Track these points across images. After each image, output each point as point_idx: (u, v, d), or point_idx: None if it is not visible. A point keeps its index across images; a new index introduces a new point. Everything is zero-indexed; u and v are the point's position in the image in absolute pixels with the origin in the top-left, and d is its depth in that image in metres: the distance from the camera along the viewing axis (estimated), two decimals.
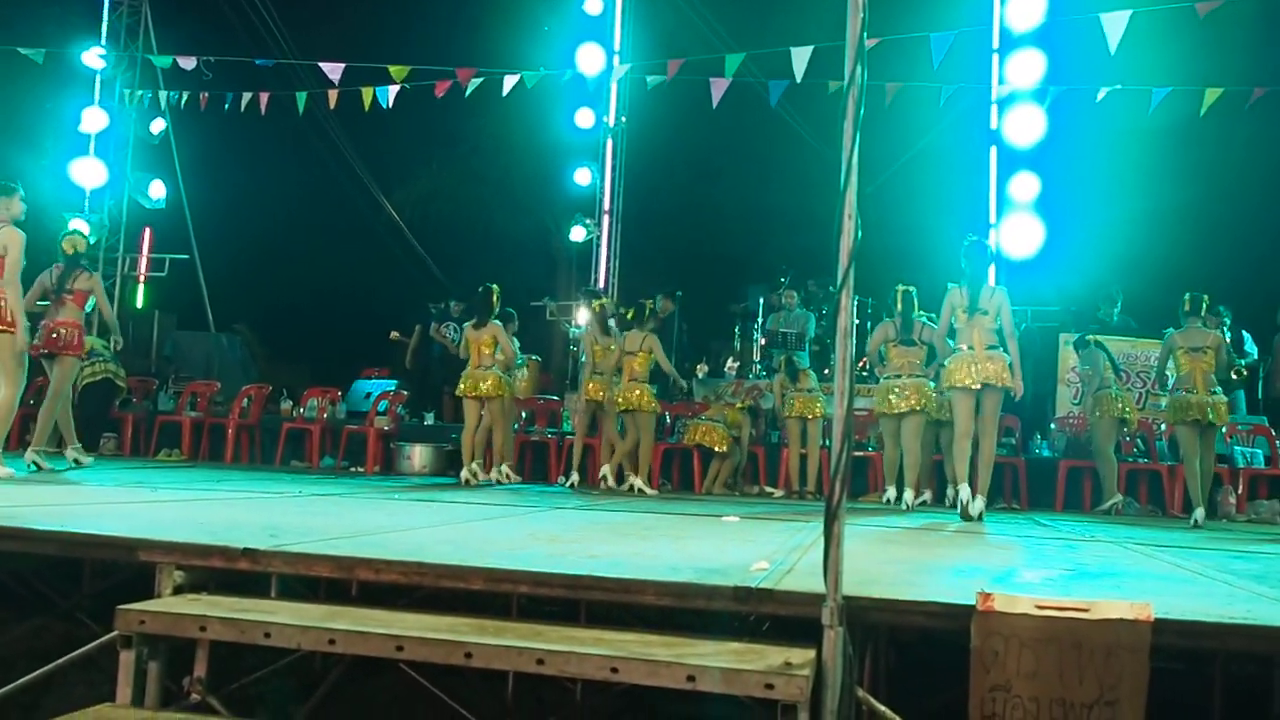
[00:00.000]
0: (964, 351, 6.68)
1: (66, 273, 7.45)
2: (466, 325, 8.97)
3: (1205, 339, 7.56)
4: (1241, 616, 2.67)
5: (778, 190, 16.73)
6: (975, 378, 6.55)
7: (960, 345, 6.74)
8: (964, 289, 6.74)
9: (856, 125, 2.65)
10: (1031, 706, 2.51)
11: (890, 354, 7.88)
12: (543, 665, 2.56)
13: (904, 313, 7.88)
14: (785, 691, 2.36)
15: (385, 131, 16.26)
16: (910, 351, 7.82)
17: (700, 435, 9.20)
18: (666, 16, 14.55)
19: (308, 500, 5.76)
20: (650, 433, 8.75)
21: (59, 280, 7.42)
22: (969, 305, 6.67)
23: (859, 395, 8.63)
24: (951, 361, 6.78)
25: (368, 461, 10.13)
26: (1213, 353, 7.52)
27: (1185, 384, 7.51)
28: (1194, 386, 7.44)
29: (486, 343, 8.71)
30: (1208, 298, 7.78)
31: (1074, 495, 8.86)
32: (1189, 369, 7.50)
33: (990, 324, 6.65)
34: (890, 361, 7.87)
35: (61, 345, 7.33)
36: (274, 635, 2.76)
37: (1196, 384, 7.44)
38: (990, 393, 6.60)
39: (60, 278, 7.42)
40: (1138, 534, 5.96)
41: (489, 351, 8.71)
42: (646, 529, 4.79)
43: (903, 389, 7.71)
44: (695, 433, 9.23)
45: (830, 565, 2.49)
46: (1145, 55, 10.39)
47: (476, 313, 8.85)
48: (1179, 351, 7.60)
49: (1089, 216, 13.70)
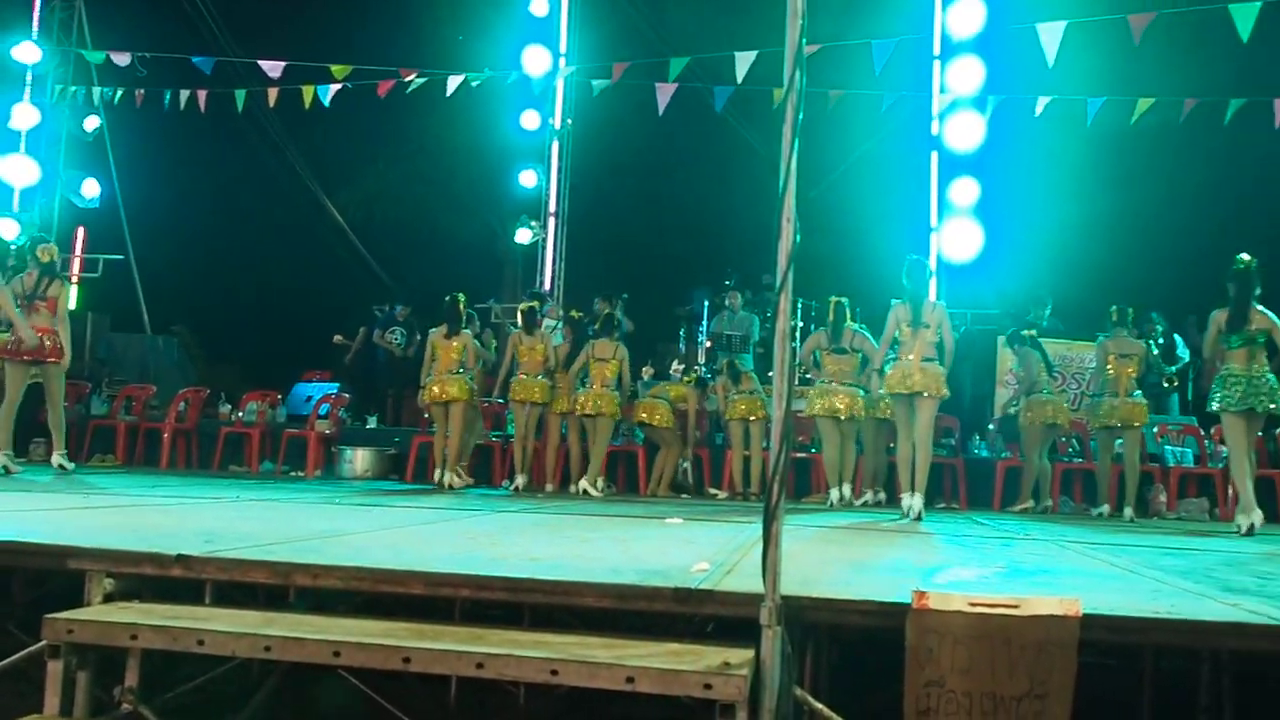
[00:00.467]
0: (903, 361, 7.13)
1: (40, 280, 7.60)
2: (434, 333, 9.02)
3: (1132, 347, 8.17)
4: (1166, 611, 2.75)
5: (723, 193, 16.83)
6: (908, 386, 7.02)
7: (903, 355, 7.16)
8: (906, 304, 7.17)
9: (796, 130, 2.68)
10: (964, 700, 2.56)
11: (824, 361, 8.21)
12: (482, 669, 2.55)
13: (835, 322, 8.26)
14: (723, 691, 2.38)
15: (329, 131, 16.06)
16: (843, 359, 8.17)
17: (642, 412, 9.21)
18: (613, 19, 14.57)
19: (245, 505, 5.67)
20: (607, 438, 8.95)
21: (34, 287, 7.56)
22: (912, 319, 7.11)
23: (800, 398, 8.76)
24: (891, 369, 7.23)
25: (308, 466, 9.99)
26: (1138, 360, 8.11)
27: (1111, 388, 8.07)
28: (1117, 390, 8.02)
29: (456, 350, 8.82)
30: (1133, 310, 8.32)
31: (1011, 494, 9.03)
32: (1116, 374, 8.07)
33: (931, 337, 7.10)
34: (825, 368, 8.20)
35: (47, 353, 7.58)
36: (208, 643, 2.72)
37: (1120, 389, 8.01)
38: (926, 401, 7.03)
39: (34, 284, 7.57)
40: (1071, 532, 6.09)
41: (457, 359, 8.82)
42: (589, 531, 4.79)
43: (836, 394, 8.05)
44: (638, 410, 9.25)
45: (768, 565, 2.52)
46: (1082, 64, 10.65)
47: (446, 321, 8.93)
48: (1110, 357, 8.14)
49: (1027, 221, 13.97)
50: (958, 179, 12.80)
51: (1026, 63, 10.90)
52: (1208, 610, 2.83)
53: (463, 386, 8.75)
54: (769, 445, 8.92)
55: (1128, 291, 8.30)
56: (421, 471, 9.74)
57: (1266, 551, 5.18)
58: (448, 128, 16.16)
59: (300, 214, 16.93)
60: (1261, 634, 2.59)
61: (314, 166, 16.52)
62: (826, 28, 10.06)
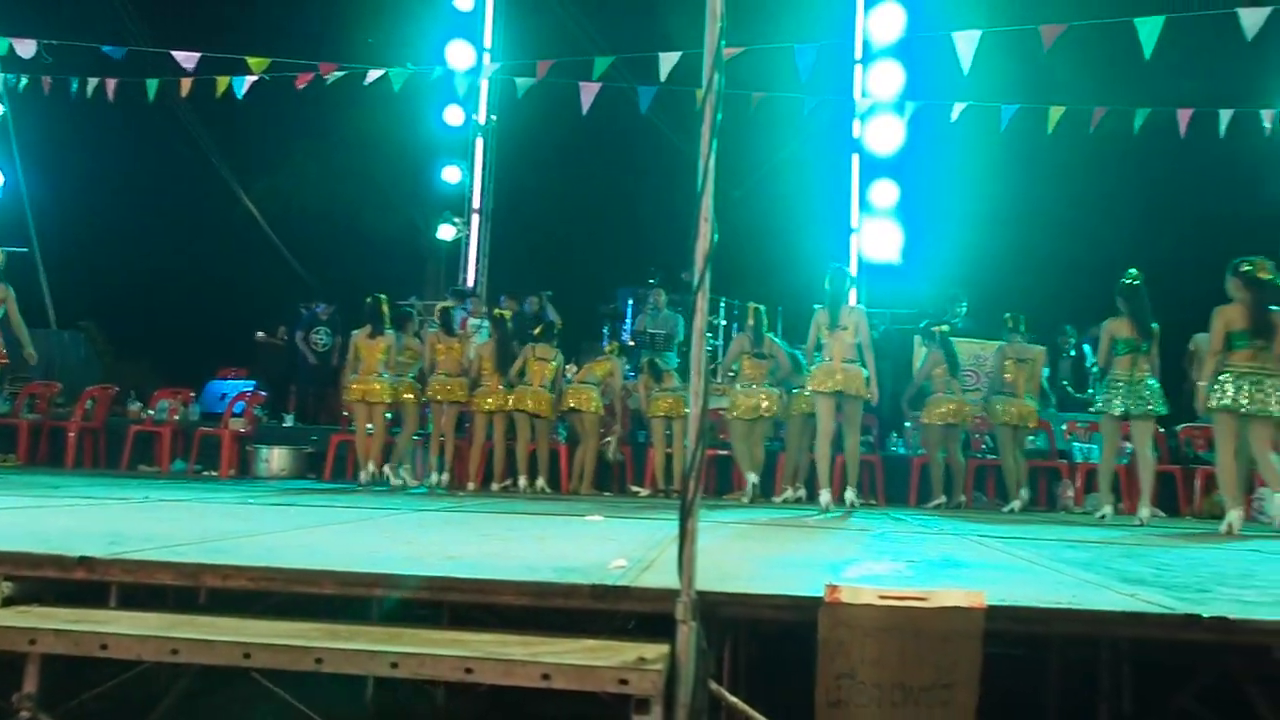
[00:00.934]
0: (825, 362, 7.70)
1: None
2: (357, 334, 9.09)
3: (1029, 352, 8.76)
4: (1066, 602, 2.84)
5: (648, 191, 16.84)
6: (831, 385, 7.62)
7: (824, 357, 7.74)
8: (826, 309, 7.75)
9: (714, 131, 2.69)
10: (875, 691, 2.61)
11: (744, 365, 8.66)
12: (396, 669, 2.53)
13: (755, 328, 8.73)
14: (638, 686, 2.39)
15: (246, 124, 15.65)
16: (761, 364, 8.66)
17: (570, 400, 9.28)
18: (538, 14, 14.49)
19: (154, 506, 5.52)
20: (547, 438, 9.25)
21: None
22: (830, 323, 7.70)
23: (721, 395, 9.00)
24: (815, 370, 7.79)
25: (222, 465, 9.76)
26: (1033, 364, 8.75)
27: (1009, 388, 8.60)
28: (1015, 392, 8.55)
29: (381, 349, 8.94)
30: (1024, 315, 8.89)
31: (927, 491, 9.23)
32: (1014, 377, 8.61)
33: (850, 339, 7.68)
34: (744, 372, 8.67)
35: None
36: (111, 647, 2.64)
37: (1018, 390, 8.56)
38: (849, 400, 7.67)
39: None
40: (981, 527, 6.26)
41: (381, 359, 8.93)
42: (509, 529, 4.78)
43: (758, 395, 8.53)
44: (567, 398, 9.32)
45: (684, 561, 2.54)
46: (999, 72, 10.93)
47: (369, 322, 9.02)
48: (1009, 361, 8.68)
49: (946, 224, 14.29)
50: (878, 181, 13.07)
51: (944, 69, 11.15)
52: (1106, 600, 2.93)
53: (385, 387, 8.83)
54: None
55: (1042, 293, 8.69)
56: (340, 470, 9.61)
57: (1165, 544, 5.38)
58: (369, 122, 15.87)
59: (215, 207, 16.50)
60: (1155, 622, 2.69)
61: (230, 159, 16.11)
62: (751, 31, 10.15)
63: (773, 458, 9.35)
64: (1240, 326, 6.27)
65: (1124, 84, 11.42)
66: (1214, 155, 11.54)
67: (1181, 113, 10.56)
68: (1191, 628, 2.63)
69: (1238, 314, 6.31)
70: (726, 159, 2.75)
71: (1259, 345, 6.25)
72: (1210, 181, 13.76)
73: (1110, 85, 11.54)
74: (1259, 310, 6.24)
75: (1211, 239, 14.17)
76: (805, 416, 8.67)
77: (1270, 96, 10.77)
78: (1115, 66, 11.24)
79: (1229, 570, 3.99)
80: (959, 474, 8.98)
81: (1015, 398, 8.55)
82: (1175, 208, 14.89)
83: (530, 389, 9.04)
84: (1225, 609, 2.73)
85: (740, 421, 8.56)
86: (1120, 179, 14.69)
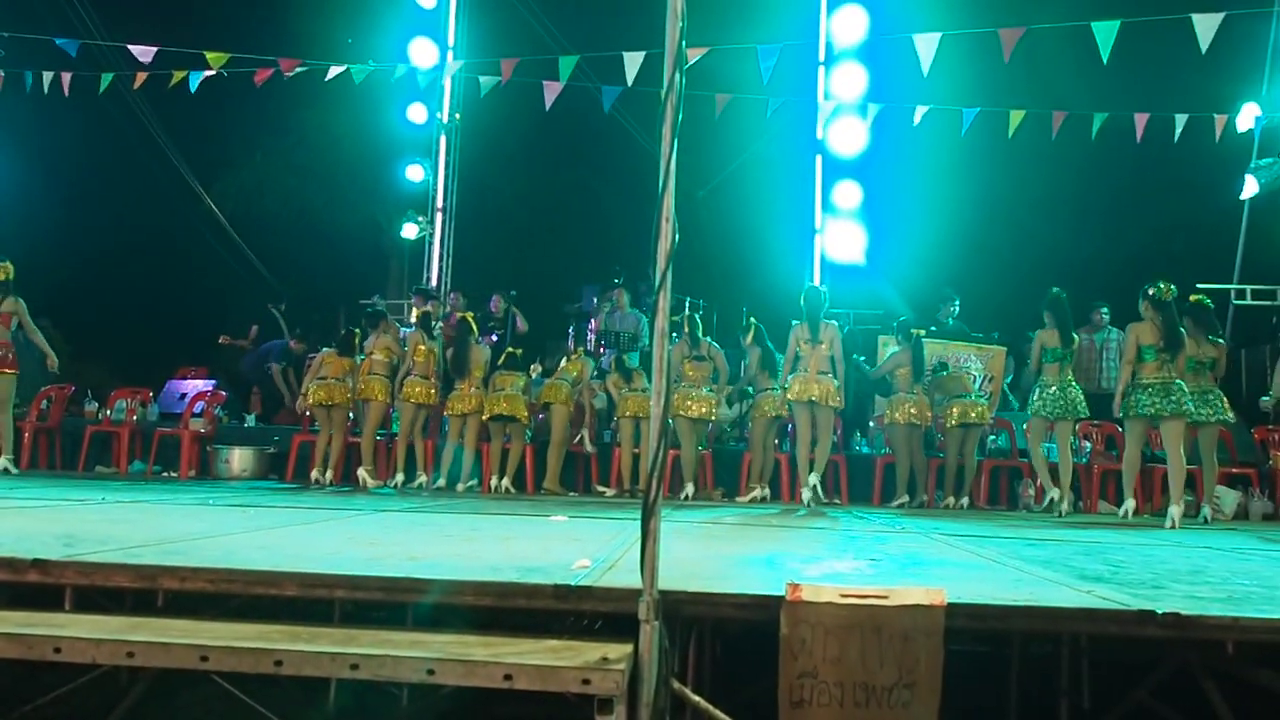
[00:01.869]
0: (802, 373, 8.32)
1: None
2: (326, 350, 9.51)
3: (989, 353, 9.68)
4: (1025, 599, 2.88)
5: (613, 190, 16.87)
6: (808, 395, 8.23)
7: (800, 369, 8.34)
8: (805, 324, 8.40)
9: (675, 131, 2.70)
10: (836, 691, 2.63)
11: (685, 368, 9.03)
12: (357, 670, 2.51)
13: (691, 332, 9.13)
14: (601, 686, 2.39)
15: (206, 120, 15.47)
16: (702, 366, 9.06)
17: (546, 396, 9.32)
18: (502, 12, 14.42)
19: (111, 508, 5.44)
20: (521, 439, 9.34)
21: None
22: (810, 338, 8.35)
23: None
24: (792, 380, 8.35)
25: (181, 466, 9.62)
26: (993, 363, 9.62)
27: (955, 390, 9.08)
28: (964, 392, 9.03)
29: (346, 366, 9.33)
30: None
31: (890, 490, 9.31)
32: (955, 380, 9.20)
33: (825, 352, 8.35)
34: (684, 374, 9.02)
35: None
36: (65, 650, 2.60)
37: (967, 390, 9.10)
38: (822, 408, 8.29)
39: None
40: (943, 525, 6.32)
41: (346, 368, 9.32)
42: (471, 530, 4.76)
43: (692, 397, 8.89)
44: (543, 394, 9.37)
45: (646, 561, 2.54)
46: (960, 75, 11.04)
47: (339, 346, 9.44)
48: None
49: (909, 224, 14.42)
50: (841, 182, 13.14)
51: (907, 72, 11.25)
52: (1063, 597, 2.97)
53: (343, 391, 9.17)
54: None
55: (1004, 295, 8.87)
56: (303, 471, 9.51)
57: (1121, 542, 5.47)
58: (332, 119, 15.78)
59: (175, 205, 16.26)
60: (1109, 618, 2.73)
61: (190, 156, 15.88)
62: (716, 34, 10.18)
63: (738, 458, 9.43)
64: (1150, 341, 7.24)
65: (1084, 89, 11.61)
66: (1169, 159, 11.77)
67: (1138, 117, 10.73)
68: (1146, 623, 2.68)
69: (1148, 330, 7.28)
70: (691, 159, 2.76)
71: (1165, 358, 7.21)
72: (1165, 185, 14.01)
73: (1072, 90, 11.72)
74: (1169, 327, 7.21)
75: (1167, 241, 14.45)
76: (770, 419, 8.98)
77: (1222, 102, 10.99)
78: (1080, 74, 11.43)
79: (1182, 567, 4.06)
80: (921, 474, 9.10)
81: (964, 398, 8.98)
82: (1133, 210, 15.14)
83: (503, 393, 9.07)
84: (1179, 605, 2.78)
85: (681, 422, 8.86)
86: (1080, 182, 14.92)
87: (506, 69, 11.09)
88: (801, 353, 8.38)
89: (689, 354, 9.04)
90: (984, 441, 9.69)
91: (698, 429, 9.03)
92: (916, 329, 9.32)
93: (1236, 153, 11.52)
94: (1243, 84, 11.46)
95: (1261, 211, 11.79)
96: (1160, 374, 7.17)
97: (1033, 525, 6.80)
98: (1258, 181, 11.51)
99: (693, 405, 8.88)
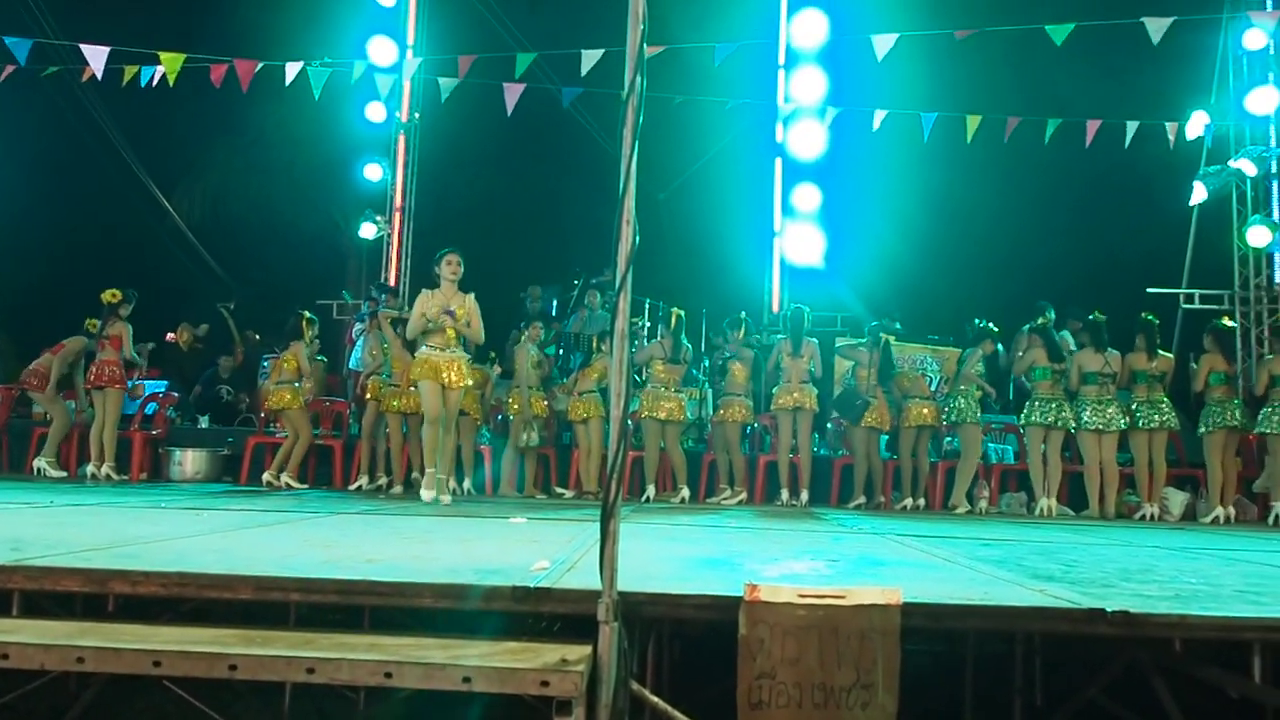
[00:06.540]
0: (785, 384, 9.16)
1: (105, 320, 9.27)
2: (285, 352, 9.37)
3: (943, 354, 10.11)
4: (979, 598, 2.91)
5: (574, 191, 16.84)
6: (791, 403, 9.05)
7: (784, 380, 9.17)
8: (788, 340, 9.28)
9: (635, 133, 2.70)
10: (795, 693, 2.64)
11: (656, 369, 9.20)
12: (313, 674, 2.48)
13: (675, 333, 9.34)
14: (560, 688, 2.39)
15: (161, 120, 15.23)
16: (676, 369, 9.25)
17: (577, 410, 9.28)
18: (462, 11, 14.33)
19: (59, 510, 5.34)
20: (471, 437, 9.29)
21: (100, 327, 9.30)
22: (792, 351, 9.19)
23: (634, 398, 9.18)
24: (777, 391, 9.17)
25: (132, 469, 9.47)
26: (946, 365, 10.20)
27: (911, 391, 9.47)
28: (920, 394, 9.42)
29: (288, 360, 9.19)
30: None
31: (847, 491, 9.40)
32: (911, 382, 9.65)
33: (805, 365, 9.18)
34: (656, 375, 9.20)
35: (105, 380, 9.14)
36: (13, 656, 2.54)
37: (923, 392, 9.52)
38: (803, 414, 9.12)
39: (101, 325, 9.29)
40: (899, 526, 6.39)
41: (290, 369, 9.18)
42: (429, 532, 4.73)
43: (669, 400, 9.08)
44: (572, 409, 9.33)
45: (605, 562, 2.54)
46: (919, 79, 11.18)
47: (289, 336, 9.37)
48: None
49: (868, 227, 14.55)
50: (800, 185, 13.23)
51: (866, 76, 11.36)
52: (1016, 596, 3.01)
53: (294, 394, 9.10)
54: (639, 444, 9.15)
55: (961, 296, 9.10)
56: (257, 473, 9.40)
57: (1074, 541, 5.56)
58: (290, 116, 15.56)
59: (127, 204, 15.96)
60: (1061, 616, 2.77)
61: (144, 155, 15.59)
62: (676, 36, 10.20)
63: (698, 460, 9.52)
64: (1043, 364, 8.89)
65: (1043, 96, 11.81)
66: (1122, 165, 12.00)
67: (1090, 124, 10.93)
68: (1097, 622, 2.72)
69: (1041, 354, 8.95)
70: (652, 161, 2.76)
71: (1055, 375, 8.88)
72: (1118, 190, 14.25)
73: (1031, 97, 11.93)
74: (1052, 347, 9.01)
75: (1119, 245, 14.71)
76: (737, 425, 9.26)
77: (1175, 111, 11.22)
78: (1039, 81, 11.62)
79: (1132, 566, 4.14)
80: (878, 475, 9.22)
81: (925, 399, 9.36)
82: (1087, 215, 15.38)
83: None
84: (1128, 603, 2.83)
85: (649, 423, 9.00)
86: (1037, 187, 15.14)
87: (464, 66, 11.03)
88: (784, 365, 9.19)
89: (665, 357, 9.21)
90: (939, 442, 9.82)
91: (667, 430, 9.15)
92: (887, 333, 9.55)
93: (1188, 160, 11.76)
94: (1194, 93, 11.71)
95: (1210, 217, 12.05)
96: (1056, 391, 8.86)
97: (986, 525, 6.89)
98: (1206, 188, 11.76)
99: (661, 407, 9.01)
